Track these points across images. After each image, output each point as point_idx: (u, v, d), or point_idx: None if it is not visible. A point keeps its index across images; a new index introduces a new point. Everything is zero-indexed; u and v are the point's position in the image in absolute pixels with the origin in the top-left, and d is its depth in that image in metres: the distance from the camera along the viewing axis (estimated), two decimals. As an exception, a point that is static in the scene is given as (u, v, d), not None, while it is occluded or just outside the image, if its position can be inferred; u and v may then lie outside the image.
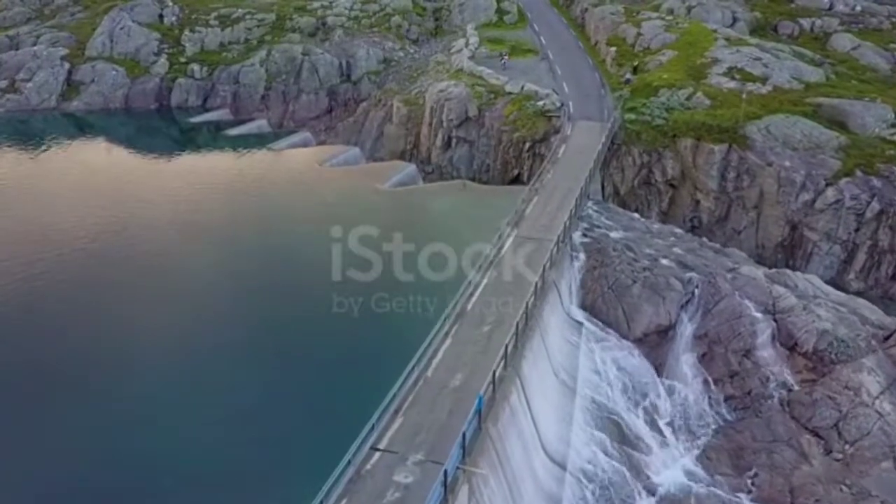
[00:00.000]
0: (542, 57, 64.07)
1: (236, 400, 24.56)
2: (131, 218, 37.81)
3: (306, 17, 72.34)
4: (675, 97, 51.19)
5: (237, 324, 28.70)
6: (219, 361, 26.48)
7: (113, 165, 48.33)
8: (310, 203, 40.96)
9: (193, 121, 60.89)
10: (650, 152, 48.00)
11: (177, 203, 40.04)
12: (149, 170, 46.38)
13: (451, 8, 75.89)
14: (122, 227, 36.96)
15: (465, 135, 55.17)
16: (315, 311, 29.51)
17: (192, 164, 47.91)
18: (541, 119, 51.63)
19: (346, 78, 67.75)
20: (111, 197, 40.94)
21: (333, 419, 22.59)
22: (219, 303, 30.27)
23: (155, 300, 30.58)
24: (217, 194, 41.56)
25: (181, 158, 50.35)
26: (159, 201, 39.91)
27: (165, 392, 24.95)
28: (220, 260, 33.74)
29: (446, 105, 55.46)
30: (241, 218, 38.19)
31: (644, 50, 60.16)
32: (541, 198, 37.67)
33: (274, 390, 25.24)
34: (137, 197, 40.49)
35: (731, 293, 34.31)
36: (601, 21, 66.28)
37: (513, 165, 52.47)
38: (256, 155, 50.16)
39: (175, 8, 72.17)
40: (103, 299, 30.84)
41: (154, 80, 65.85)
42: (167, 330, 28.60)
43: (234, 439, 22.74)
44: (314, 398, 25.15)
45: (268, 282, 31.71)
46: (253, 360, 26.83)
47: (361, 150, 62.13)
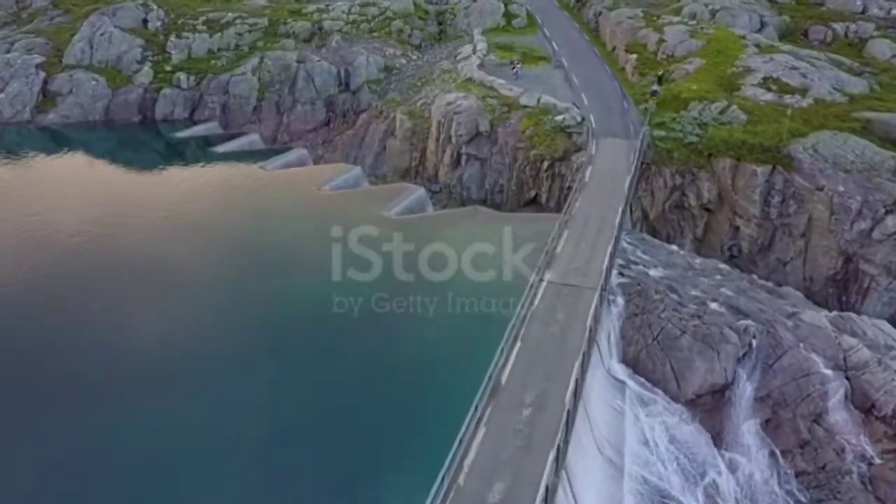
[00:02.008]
0: (556, 65, 59.51)
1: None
2: (89, 270, 33.18)
3: (301, 22, 67.57)
4: (707, 111, 46.71)
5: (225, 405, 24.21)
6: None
7: (79, 194, 43.24)
8: (305, 238, 36.32)
9: (179, 135, 56.02)
10: (683, 173, 43.54)
11: (151, 243, 35.35)
12: (121, 201, 41.03)
13: (456, 11, 71.21)
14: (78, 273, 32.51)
15: (476, 152, 50.60)
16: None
17: (173, 190, 42.90)
18: (560, 136, 47.07)
19: (344, 87, 63.02)
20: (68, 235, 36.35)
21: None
22: (199, 383, 25.73)
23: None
24: (202, 231, 36.84)
25: (161, 181, 45.36)
26: (131, 250, 35.11)
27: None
28: (206, 319, 29.14)
29: (455, 119, 50.86)
30: (229, 262, 33.52)
31: (668, 58, 55.66)
32: (572, 233, 33.07)
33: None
34: (100, 248, 35.63)
35: (795, 345, 29.86)
36: (618, 26, 61.74)
37: (529, 186, 47.94)
38: (247, 177, 45.37)
39: (160, 12, 67.28)
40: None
41: (137, 90, 60.95)
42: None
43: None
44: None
45: (267, 351, 27.27)
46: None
47: (362, 166, 57.35)
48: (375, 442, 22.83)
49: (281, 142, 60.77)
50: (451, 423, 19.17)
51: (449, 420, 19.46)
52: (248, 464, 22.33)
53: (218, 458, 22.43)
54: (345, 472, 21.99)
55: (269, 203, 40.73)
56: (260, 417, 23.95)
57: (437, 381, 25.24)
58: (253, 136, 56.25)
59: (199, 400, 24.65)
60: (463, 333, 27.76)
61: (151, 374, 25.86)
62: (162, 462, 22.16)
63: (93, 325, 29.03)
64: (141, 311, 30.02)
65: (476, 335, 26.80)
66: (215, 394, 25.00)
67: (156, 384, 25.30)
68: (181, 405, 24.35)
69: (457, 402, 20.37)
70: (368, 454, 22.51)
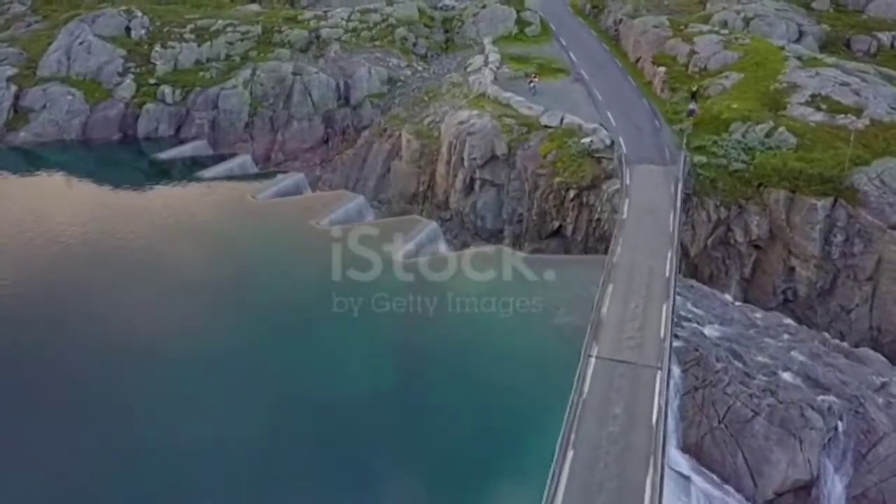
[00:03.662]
0: (576, 78, 54.45)
1: None
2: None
3: (297, 30, 62.45)
4: (751, 133, 41.70)
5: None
6: None
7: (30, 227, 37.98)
8: (300, 292, 31.20)
9: (163, 156, 50.83)
10: (728, 205, 38.54)
11: (123, 310, 30.25)
12: (85, 252, 35.68)
13: (464, 18, 66.13)
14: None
15: (492, 177, 45.51)
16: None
17: (146, 228, 37.34)
18: (587, 161, 41.97)
19: (344, 101, 57.95)
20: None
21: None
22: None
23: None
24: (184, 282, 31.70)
25: (133, 214, 39.73)
26: (96, 311, 30.07)
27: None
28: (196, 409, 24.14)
29: (468, 141, 45.78)
30: (215, 327, 28.41)
31: (700, 71, 50.62)
32: (617, 287, 27.99)
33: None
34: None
35: (892, 431, 24.79)
36: (643, 35, 56.71)
37: (553, 216, 42.82)
38: (236, 209, 40.21)
39: (144, 19, 62.11)
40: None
41: (118, 105, 55.78)
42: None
43: None
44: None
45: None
46: None
47: (364, 190, 52.38)
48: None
49: (275, 162, 55.66)
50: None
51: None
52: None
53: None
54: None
55: (260, 247, 35.56)
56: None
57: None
58: (244, 158, 51.06)
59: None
60: (504, 431, 22.66)
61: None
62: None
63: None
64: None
65: (515, 433, 21.71)
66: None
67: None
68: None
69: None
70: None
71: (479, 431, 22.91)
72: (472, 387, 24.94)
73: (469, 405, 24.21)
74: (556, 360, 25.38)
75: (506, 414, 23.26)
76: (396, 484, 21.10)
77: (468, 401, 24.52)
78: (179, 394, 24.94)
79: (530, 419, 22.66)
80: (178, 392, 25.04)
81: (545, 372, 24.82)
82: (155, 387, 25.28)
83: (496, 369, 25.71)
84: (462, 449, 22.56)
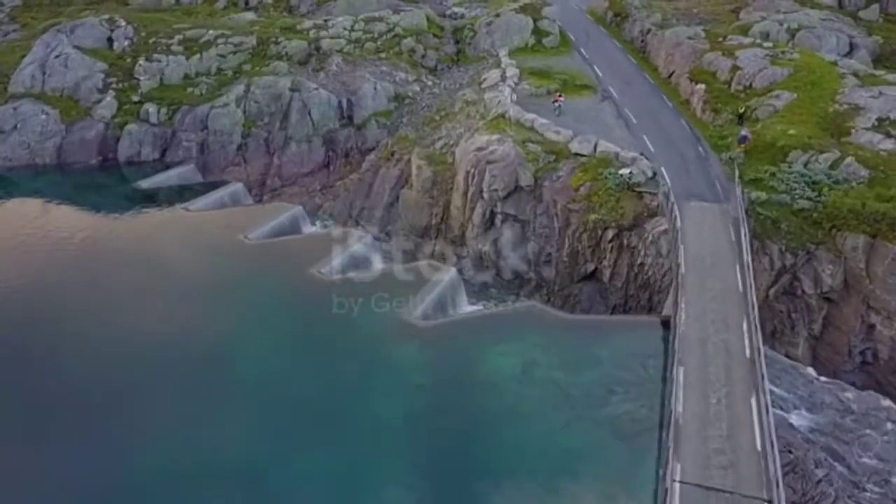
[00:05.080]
0: (604, 96, 49.20)
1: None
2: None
3: (296, 41, 57.13)
4: (815, 164, 36.49)
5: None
6: None
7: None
8: (305, 372, 25.86)
9: (146, 185, 45.43)
10: (795, 251, 33.32)
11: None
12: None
13: (477, 28, 60.83)
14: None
15: (516, 211, 40.34)
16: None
17: (117, 281, 31.94)
18: (627, 196, 36.81)
19: (347, 121, 52.67)
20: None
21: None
22: None
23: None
24: (152, 360, 26.31)
25: (104, 265, 34.32)
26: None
27: None
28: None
29: (488, 170, 40.57)
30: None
31: (745, 89, 45.36)
32: (690, 371, 22.68)
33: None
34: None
35: None
36: (676, 48, 51.45)
37: (587, 258, 37.66)
38: (226, 255, 34.77)
39: (128, 29, 56.78)
40: None
41: (97, 126, 50.46)
42: None
43: None
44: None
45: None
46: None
47: (370, 220, 47.23)
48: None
49: (270, 188, 50.36)
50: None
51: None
52: None
53: None
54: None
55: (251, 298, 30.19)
56: None
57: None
58: (235, 187, 45.68)
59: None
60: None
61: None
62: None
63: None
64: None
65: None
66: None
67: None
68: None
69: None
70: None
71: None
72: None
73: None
74: (617, 473, 20.09)
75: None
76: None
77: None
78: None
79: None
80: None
81: (604, 496, 19.49)
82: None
83: (535, 489, 20.38)
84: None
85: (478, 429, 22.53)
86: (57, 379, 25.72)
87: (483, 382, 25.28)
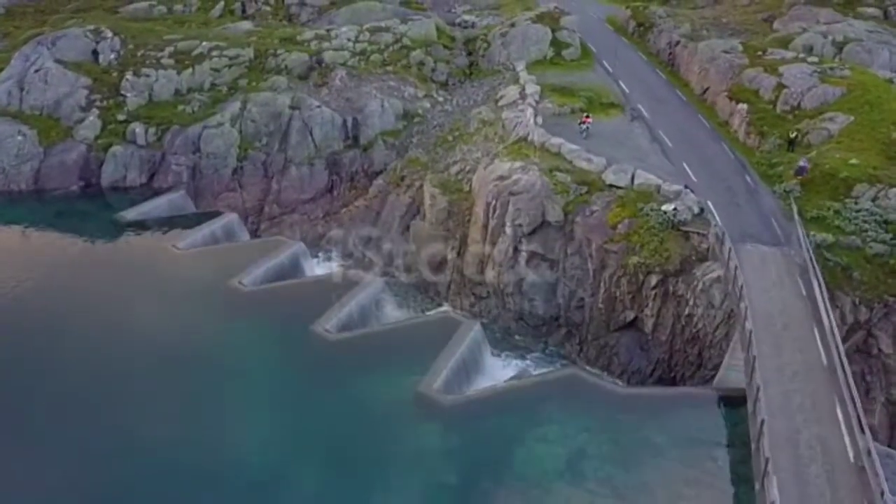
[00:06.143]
0: (633, 115, 44.90)
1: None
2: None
3: (296, 53, 52.80)
4: (885, 200, 32.27)
5: None
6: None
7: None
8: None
9: (130, 216, 41.03)
10: (870, 303, 29.08)
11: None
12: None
13: (491, 39, 56.50)
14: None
15: (543, 249, 36.09)
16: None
17: (84, 352, 27.36)
18: (672, 236, 32.53)
19: (352, 141, 48.36)
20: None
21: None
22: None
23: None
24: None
25: (69, 324, 29.63)
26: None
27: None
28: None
29: (512, 202, 36.36)
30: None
31: (793, 110, 41.13)
32: (785, 484, 18.33)
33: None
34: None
35: None
36: (711, 62, 47.16)
37: (626, 305, 33.42)
38: (216, 306, 30.48)
39: (115, 41, 52.43)
40: None
41: (78, 147, 46.12)
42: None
43: None
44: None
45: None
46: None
47: (378, 252, 43.00)
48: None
49: (268, 216, 46.06)
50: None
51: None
52: None
53: None
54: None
55: (245, 380, 25.80)
56: None
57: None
58: (229, 218, 41.29)
59: None
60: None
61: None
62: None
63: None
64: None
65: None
66: None
67: None
68: None
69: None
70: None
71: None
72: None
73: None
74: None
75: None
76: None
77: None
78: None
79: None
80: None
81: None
82: None
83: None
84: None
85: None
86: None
87: (521, 479, 21.10)
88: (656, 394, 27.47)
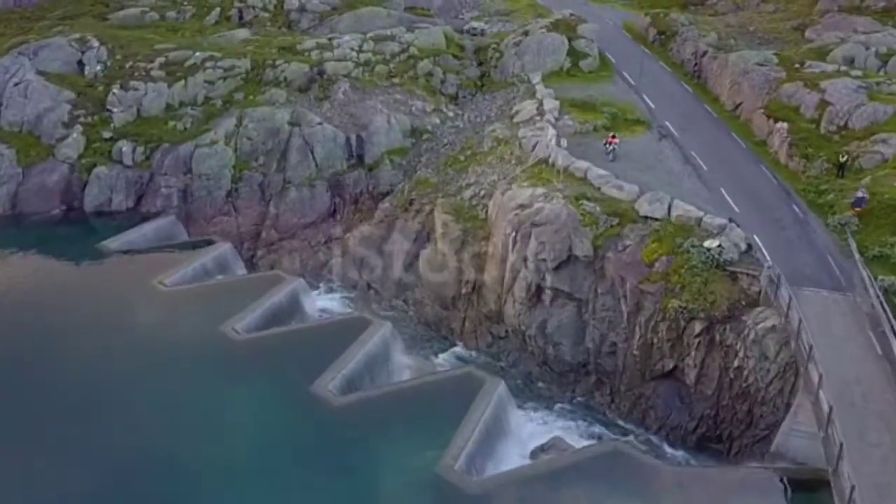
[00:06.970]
0: (661, 133, 41.42)
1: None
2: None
3: (295, 64, 49.28)
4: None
5: None
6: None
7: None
8: None
9: (114, 246, 37.53)
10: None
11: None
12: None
13: (503, 48, 52.98)
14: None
15: (570, 287, 32.52)
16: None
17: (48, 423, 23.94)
18: (717, 276, 28.98)
19: (356, 161, 44.86)
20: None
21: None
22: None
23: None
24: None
25: (30, 384, 26.03)
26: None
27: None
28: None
29: (534, 234, 32.80)
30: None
31: (840, 130, 37.68)
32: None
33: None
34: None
35: None
36: (744, 76, 43.68)
37: (664, 353, 29.87)
38: (205, 359, 26.94)
39: (101, 50, 48.95)
40: None
41: (60, 168, 42.70)
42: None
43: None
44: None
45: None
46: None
47: (384, 284, 39.56)
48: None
49: (266, 242, 42.60)
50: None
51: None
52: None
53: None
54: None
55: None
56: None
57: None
58: (222, 249, 37.79)
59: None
60: None
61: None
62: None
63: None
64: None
65: None
66: None
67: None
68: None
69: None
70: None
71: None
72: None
73: None
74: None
75: None
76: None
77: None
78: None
79: None
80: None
81: None
82: None
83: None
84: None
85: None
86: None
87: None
88: (713, 474, 23.86)
